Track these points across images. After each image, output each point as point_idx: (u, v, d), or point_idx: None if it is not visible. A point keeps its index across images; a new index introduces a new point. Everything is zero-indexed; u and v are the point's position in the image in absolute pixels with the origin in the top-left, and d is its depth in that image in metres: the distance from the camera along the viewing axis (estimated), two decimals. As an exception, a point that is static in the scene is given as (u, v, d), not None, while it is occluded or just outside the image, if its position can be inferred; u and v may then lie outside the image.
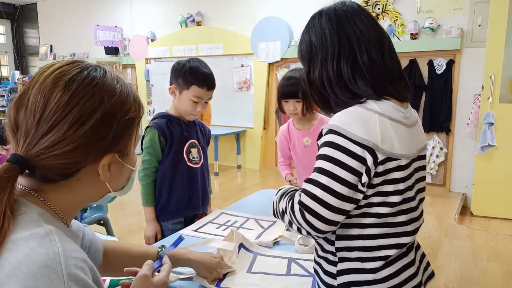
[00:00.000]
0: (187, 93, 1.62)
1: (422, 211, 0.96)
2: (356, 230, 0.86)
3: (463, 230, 3.46)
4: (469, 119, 4.11)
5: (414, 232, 0.90)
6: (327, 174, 0.79)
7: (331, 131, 0.81)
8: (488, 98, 3.70)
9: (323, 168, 0.80)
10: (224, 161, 5.89)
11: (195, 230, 1.53)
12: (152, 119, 1.70)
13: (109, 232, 2.49)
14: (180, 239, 0.99)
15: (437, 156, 4.46)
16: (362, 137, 0.78)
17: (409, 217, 0.88)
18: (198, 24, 6.10)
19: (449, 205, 4.05)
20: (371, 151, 0.79)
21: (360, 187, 0.80)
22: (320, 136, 0.86)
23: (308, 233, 0.83)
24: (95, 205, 2.46)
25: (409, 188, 0.87)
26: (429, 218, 3.72)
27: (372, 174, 0.80)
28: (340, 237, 0.88)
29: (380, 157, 0.79)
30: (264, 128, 5.64)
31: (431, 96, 4.42)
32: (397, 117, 0.85)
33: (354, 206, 0.82)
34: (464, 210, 4.04)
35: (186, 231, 1.51)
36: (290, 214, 0.86)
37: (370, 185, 0.82)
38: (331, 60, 0.88)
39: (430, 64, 4.41)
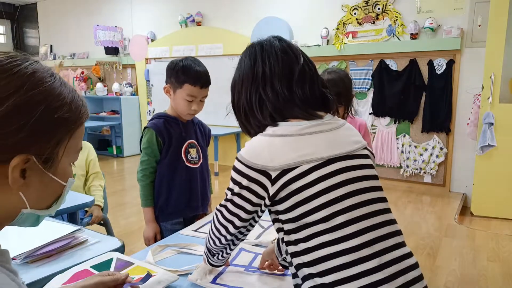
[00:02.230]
0: (181, 92, 1.63)
1: (380, 210, 0.90)
2: (302, 244, 0.87)
3: (463, 230, 3.46)
4: (469, 119, 4.11)
5: (361, 232, 0.85)
6: (232, 192, 0.93)
7: (236, 158, 0.94)
8: (488, 98, 3.70)
9: (230, 187, 0.95)
10: (224, 161, 5.89)
11: (195, 230, 1.53)
12: (150, 120, 1.71)
13: (109, 232, 2.48)
14: (148, 275, 1.03)
15: (437, 156, 4.46)
16: (253, 162, 0.89)
17: (348, 217, 0.85)
18: (198, 24, 6.10)
19: (449, 205, 4.06)
20: (263, 172, 0.88)
21: (260, 203, 0.91)
22: None
23: (219, 239, 0.99)
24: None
25: (331, 189, 0.86)
26: (429, 218, 3.72)
27: (272, 190, 0.88)
28: (294, 254, 0.89)
29: (274, 174, 0.88)
30: (264, 128, 5.63)
31: (431, 96, 4.42)
32: (291, 132, 0.91)
33: (255, 215, 0.95)
34: (464, 210, 4.04)
35: (186, 231, 1.51)
36: (210, 230, 1.02)
37: (280, 200, 0.89)
38: (245, 91, 0.99)
39: (430, 64, 4.41)
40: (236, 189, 0.92)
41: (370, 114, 4.79)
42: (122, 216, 3.74)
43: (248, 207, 0.92)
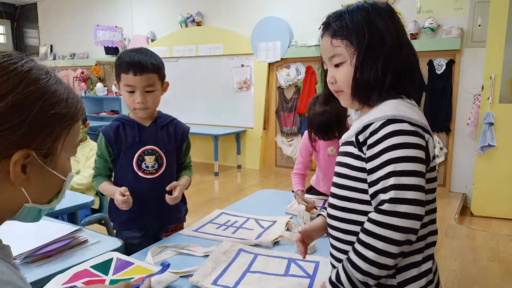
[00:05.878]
0: (121, 85, 1.50)
1: None
2: None
3: (463, 230, 3.46)
4: (469, 119, 4.11)
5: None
6: (406, 159, 0.79)
7: (392, 121, 0.82)
8: (488, 98, 3.70)
9: (399, 156, 0.79)
10: (224, 161, 5.89)
11: (195, 230, 1.53)
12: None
13: (110, 232, 2.48)
14: (166, 266, 1.02)
15: (437, 156, 4.46)
16: (420, 120, 0.84)
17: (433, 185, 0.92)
18: (198, 24, 6.10)
19: (449, 205, 4.05)
20: (425, 131, 0.85)
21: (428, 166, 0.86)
22: (358, 133, 0.88)
23: (396, 241, 0.77)
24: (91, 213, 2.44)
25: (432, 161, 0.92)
26: (429, 218, 3.71)
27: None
28: None
29: (426, 137, 0.85)
30: (264, 128, 5.64)
31: (431, 96, 4.42)
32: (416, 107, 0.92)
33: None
34: (464, 210, 4.04)
35: (186, 231, 1.51)
36: (367, 237, 0.80)
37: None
38: (390, 54, 0.89)
39: (430, 64, 4.41)
40: (411, 152, 0.79)
41: (370, 114, 4.79)
42: (122, 216, 3.74)
43: (424, 169, 0.82)
